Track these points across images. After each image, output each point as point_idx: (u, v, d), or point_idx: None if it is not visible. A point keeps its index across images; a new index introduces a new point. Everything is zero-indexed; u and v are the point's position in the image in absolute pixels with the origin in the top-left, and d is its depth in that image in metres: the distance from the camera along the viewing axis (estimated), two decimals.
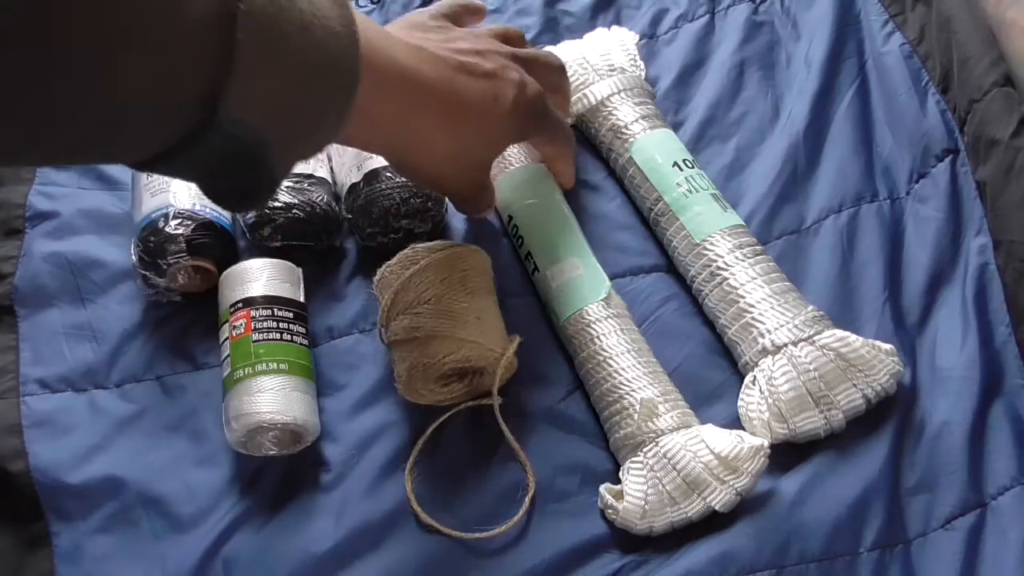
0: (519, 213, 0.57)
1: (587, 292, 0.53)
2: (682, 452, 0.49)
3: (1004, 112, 0.60)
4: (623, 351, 0.52)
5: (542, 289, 0.55)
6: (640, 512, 0.48)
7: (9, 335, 0.60)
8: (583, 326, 0.54)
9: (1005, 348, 0.54)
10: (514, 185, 0.57)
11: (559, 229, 0.55)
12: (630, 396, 0.51)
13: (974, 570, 0.47)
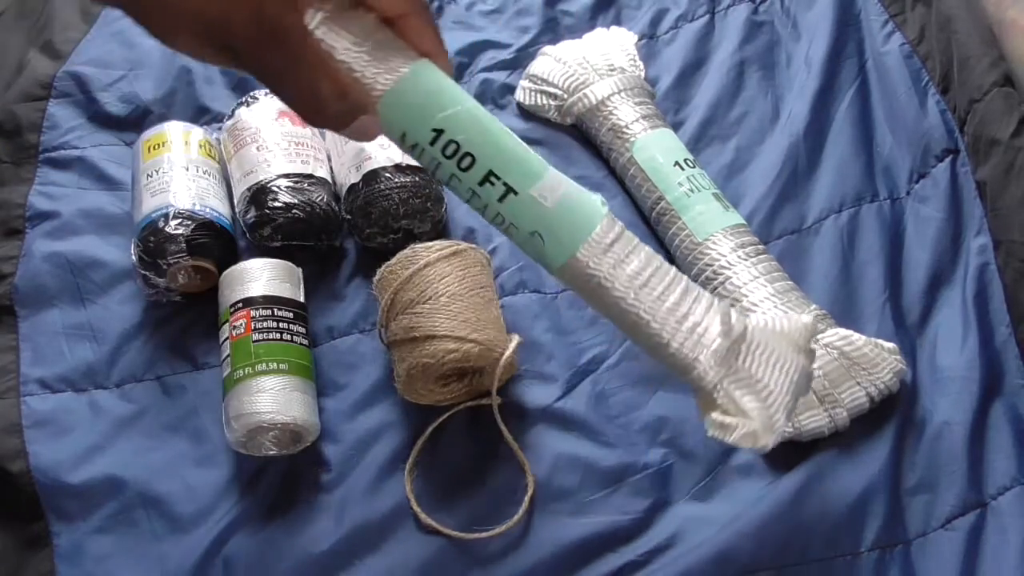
0: (454, 125, 0.37)
1: (590, 206, 0.39)
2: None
3: (1004, 112, 0.60)
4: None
5: (524, 216, 0.38)
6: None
7: (9, 335, 0.60)
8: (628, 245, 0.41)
9: (1005, 348, 0.54)
10: (419, 92, 0.37)
11: (511, 136, 0.39)
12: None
13: (974, 570, 0.47)
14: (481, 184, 0.38)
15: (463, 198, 0.39)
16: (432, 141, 0.37)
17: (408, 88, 0.37)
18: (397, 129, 0.38)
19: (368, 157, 0.60)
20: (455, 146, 0.37)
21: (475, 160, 0.37)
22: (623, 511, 0.51)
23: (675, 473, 0.52)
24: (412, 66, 0.37)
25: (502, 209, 0.38)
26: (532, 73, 0.70)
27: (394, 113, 0.37)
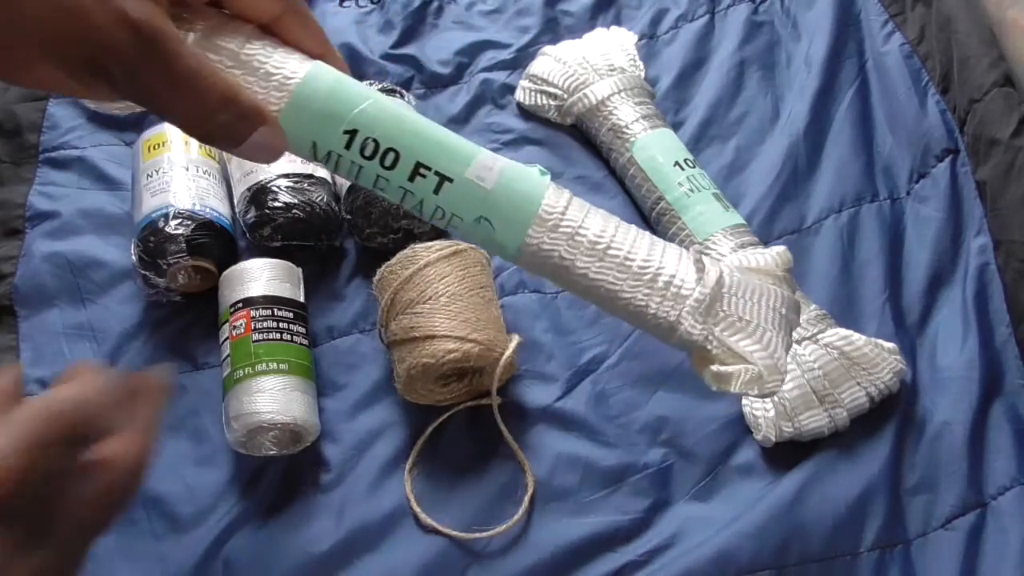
0: (367, 122, 0.33)
1: (532, 179, 0.36)
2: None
3: (1004, 112, 0.60)
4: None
5: (466, 203, 0.34)
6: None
7: (9, 335, 0.60)
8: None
9: (1005, 348, 0.54)
10: (320, 96, 0.33)
11: (430, 122, 0.35)
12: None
13: (974, 570, 0.47)
14: (411, 179, 0.34)
15: (395, 199, 0.35)
16: (347, 144, 0.33)
17: (307, 95, 0.33)
18: (305, 141, 0.33)
19: None
20: (373, 144, 0.33)
21: (399, 155, 0.33)
22: (623, 511, 0.51)
23: (675, 473, 0.52)
24: (306, 71, 0.33)
25: (440, 201, 0.34)
26: (532, 73, 0.70)
27: (298, 125, 0.33)
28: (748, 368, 0.35)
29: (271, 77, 0.33)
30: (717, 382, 0.36)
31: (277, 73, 0.33)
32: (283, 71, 0.33)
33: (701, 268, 0.35)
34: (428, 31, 0.77)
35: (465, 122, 0.71)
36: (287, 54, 0.34)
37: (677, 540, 0.49)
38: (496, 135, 0.70)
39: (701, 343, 0.35)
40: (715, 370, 0.36)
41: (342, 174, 0.34)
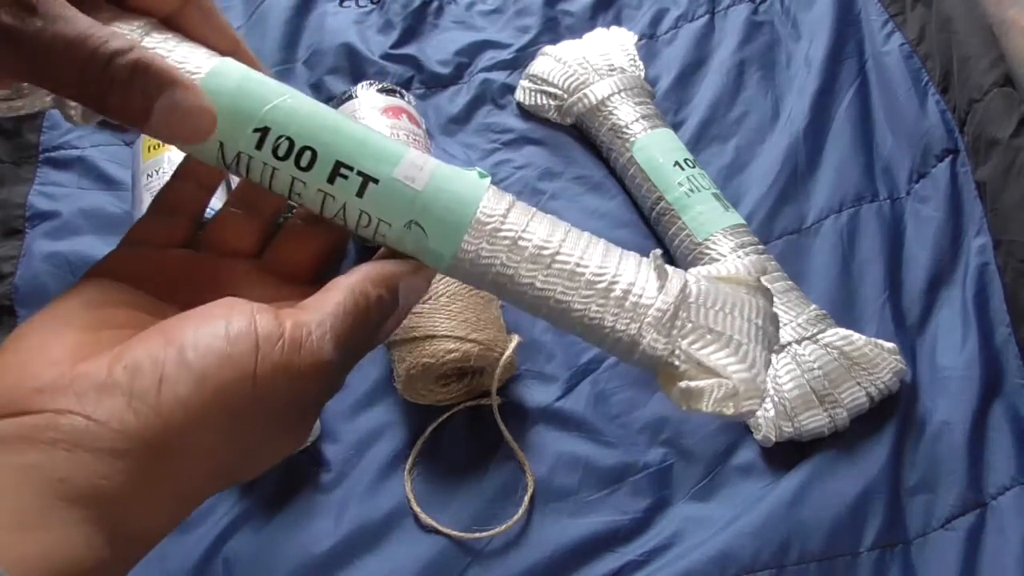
0: (280, 119, 0.30)
1: (468, 180, 0.32)
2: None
3: (1004, 112, 0.60)
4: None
5: (394, 206, 0.30)
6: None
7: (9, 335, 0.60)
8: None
9: (1005, 348, 0.54)
10: (227, 93, 0.29)
11: (352, 120, 0.31)
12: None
13: (974, 570, 0.47)
14: (331, 180, 0.29)
15: (314, 206, 0.30)
16: (258, 144, 0.29)
17: (211, 90, 0.29)
18: (211, 143, 0.29)
19: None
20: (287, 142, 0.29)
21: (316, 154, 0.29)
22: (623, 511, 0.51)
23: (675, 473, 0.52)
24: (212, 66, 0.30)
25: (365, 206, 0.30)
26: (532, 73, 0.70)
27: (225, 110, 0.29)
28: (722, 383, 0.31)
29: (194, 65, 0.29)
30: (686, 400, 0.31)
31: (179, 68, 0.29)
32: (186, 66, 0.29)
33: (663, 276, 0.32)
34: (428, 31, 0.77)
35: (465, 122, 0.71)
36: (192, 48, 0.30)
37: (677, 540, 0.49)
38: (496, 135, 0.70)
39: (666, 359, 0.31)
40: (683, 387, 0.31)
41: (253, 178, 0.30)
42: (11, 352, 0.24)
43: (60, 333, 0.25)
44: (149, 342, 0.24)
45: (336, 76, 0.73)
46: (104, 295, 0.27)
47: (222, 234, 0.31)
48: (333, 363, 0.26)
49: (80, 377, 0.23)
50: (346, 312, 0.27)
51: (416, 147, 0.62)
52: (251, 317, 0.25)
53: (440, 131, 0.70)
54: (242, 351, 0.24)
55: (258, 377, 0.24)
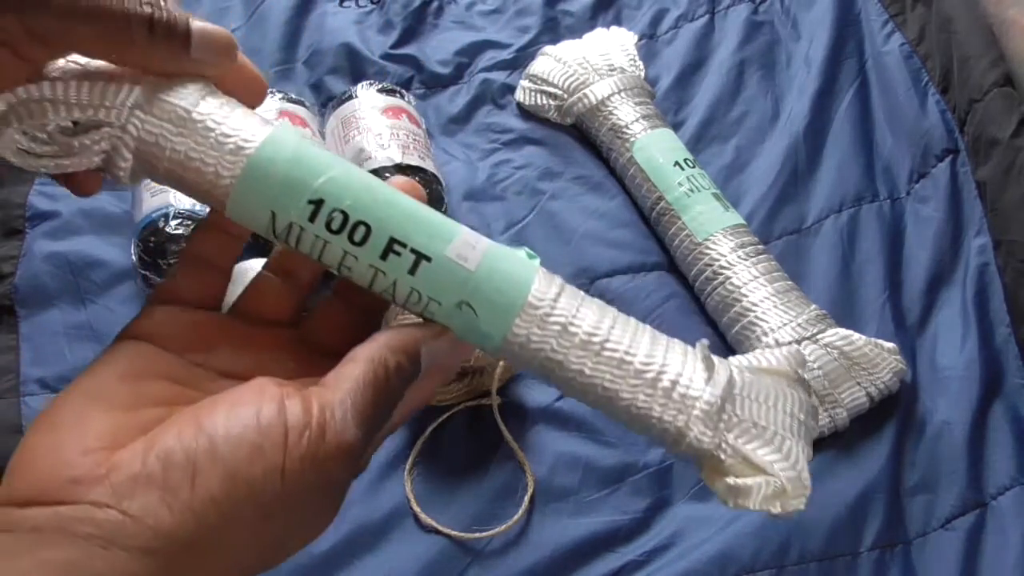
0: (335, 191, 0.29)
1: (519, 263, 0.31)
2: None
3: (1004, 112, 0.60)
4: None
5: (445, 286, 0.30)
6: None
7: (9, 335, 0.60)
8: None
9: (1005, 348, 0.54)
10: (282, 161, 0.29)
11: (406, 196, 0.31)
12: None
13: (974, 570, 0.47)
14: (384, 257, 0.29)
15: (364, 281, 0.30)
16: (311, 216, 0.29)
17: (266, 159, 0.29)
18: (263, 212, 0.29)
19: (368, 157, 0.60)
20: (341, 216, 0.29)
21: (370, 229, 0.29)
22: (623, 511, 0.51)
23: (675, 473, 0.52)
24: (266, 135, 0.29)
25: (416, 283, 0.29)
26: (532, 73, 0.70)
27: (254, 194, 0.29)
28: (769, 481, 0.31)
29: (225, 143, 0.28)
30: (733, 497, 0.31)
31: (233, 137, 0.28)
32: (240, 134, 0.29)
33: (710, 367, 0.31)
34: (428, 31, 0.77)
35: (465, 122, 0.71)
36: (245, 116, 0.29)
37: (677, 540, 0.49)
38: (496, 135, 0.70)
39: (713, 452, 0.31)
40: (731, 483, 0.31)
41: (303, 249, 0.29)
42: (46, 431, 0.24)
43: (95, 412, 0.24)
44: (182, 429, 0.24)
45: (336, 76, 0.73)
46: (139, 364, 0.27)
47: (257, 300, 0.31)
48: (358, 444, 0.25)
49: (116, 467, 0.23)
50: (365, 385, 0.26)
51: (416, 147, 0.63)
52: (280, 404, 0.24)
53: (440, 131, 0.70)
54: (272, 443, 0.23)
55: (287, 471, 0.24)
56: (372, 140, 0.61)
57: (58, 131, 0.28)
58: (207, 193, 0.29)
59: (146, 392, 0.26)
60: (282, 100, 0.64)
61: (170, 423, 0.24)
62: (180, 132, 0.28)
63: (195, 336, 0.29)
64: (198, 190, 0.29)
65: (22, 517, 0.22)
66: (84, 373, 0.26)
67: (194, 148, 0.28)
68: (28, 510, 0.22)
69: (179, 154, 0.28)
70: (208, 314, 0.30)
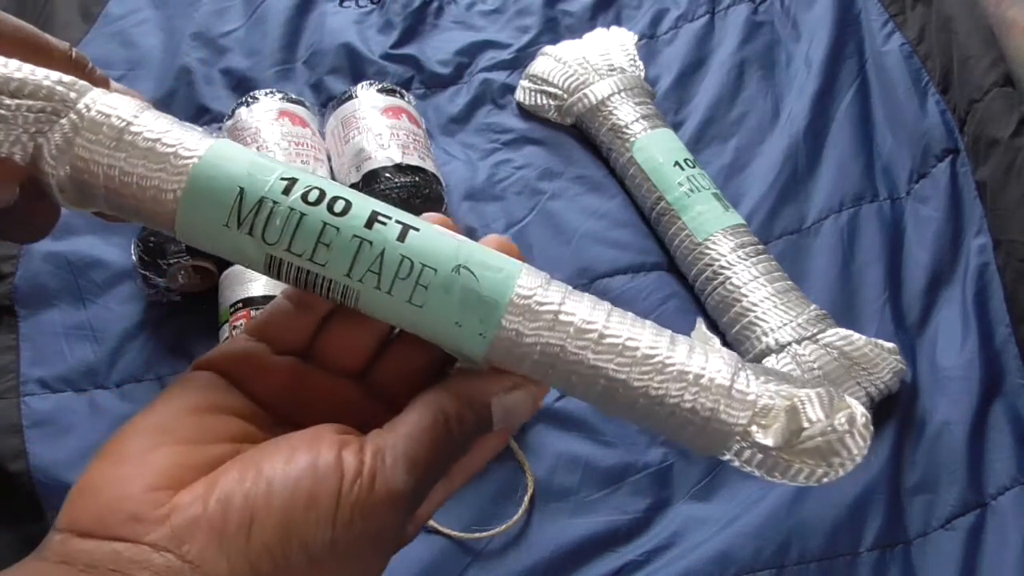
0: (307, 177, 0.27)
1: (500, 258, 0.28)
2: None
3: (1004, 112, 0.60)
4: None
5: (440, 250, 0.26)
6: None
7: (9, 335, 0.60)
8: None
9: (1005, 348, 0.54)
10: (244, 153, 0.27)
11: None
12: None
13: (974, 570, 0.47)
14: (368, 226, 0.26)
15: (347, 255, 0.26)
16: (286, 190, 0.26)
17: (218, 161, 0.26)
18: (221, 203, 0.26)
19: (368, 157, 0.60)
20: (319, 192, 0.26)
21: (350, 203, 0.26)
22: (623, 511, 0.51)
23: (675, 473, 0.52)
24: (210, 144, 0.27)
25: (406, 250, 0.26)
26: (532, 73, 0.70)
27: (215, 180, 0.26)
28: (828, 391, 0.27)
29: (166, 153, 0.26)
30: (789, 431, 0.27)
31: (174, 146, 0.26)
32: (181, 145, 0.26)
33: (715, 347, 0.28)
34: (428, 31, 0.77)
35: (465, 122, 0.71)
36: (185, 129, 0.27)
37: (677, 540, 0.49)
38: (496, 135, 0.70)
39: (748, 422, 0.27)
40: (782, 424, 0.27)
41: (271, 238, 0.26)
42: (112, 462, 0.24)
43: (162, 445, 0.24)
44: (243, 473, 0.23)
45: (336, 76, 0.73)
46: (210, 398, 0.26)
47: (330, 349, 0.30)
48: (407, 491, 0.24)
49: (177, 509, 0.22)
50: (421, 431, 0.25)
51: (416, 147, 0.63)
52: (338, 451, 0.24)
53: (440, 131, 0.70)
54: (327, 491, 0.23)
55: (338, 520, 0.23)
56: (372, 140, 0.61)
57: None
58: (151, 212, 0.26)
59: (214, 427, 0.26)
60: (282, 100, 0.64)
61: (231, 465, 0.24)
62: (115, 147, 0.26)
63: (269, 379, 0.28)
64: (141, 210, 0.26)
65: (80, 550, 0.22)
66: (156, 401, 0.26)
67: (132, 164, 0.26)
68: (87, 542, 0.22)
69: (115, 171, 0.26)
70: (287, 360, 0.29)
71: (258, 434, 0.26)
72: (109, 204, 0.26)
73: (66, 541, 0.22)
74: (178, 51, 0.73)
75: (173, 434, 0.25)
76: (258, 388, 0.28)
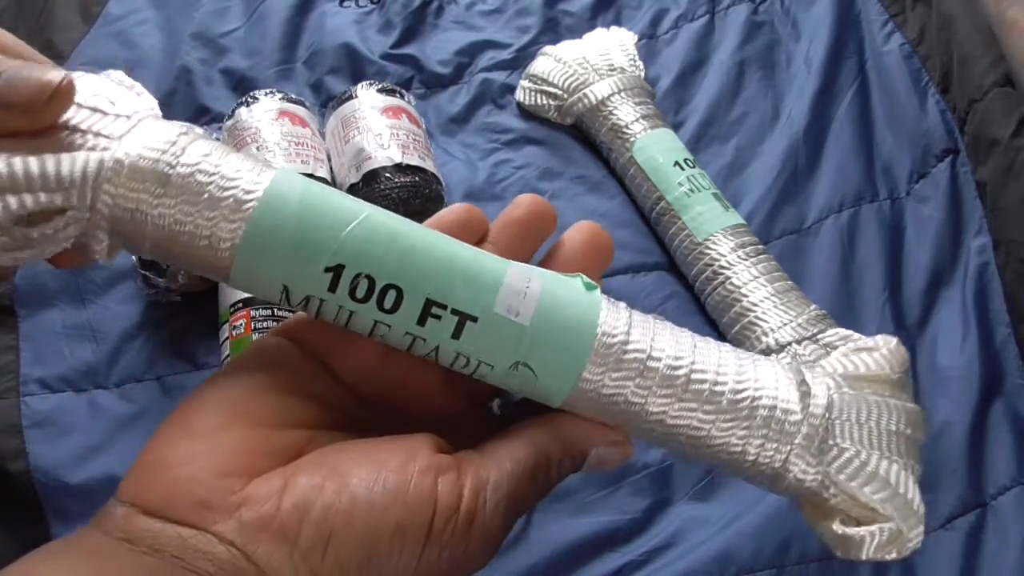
0: (356, 253, 0.24)
1: (578, 297, 0.26)
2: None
3: (1004, 112, 0.60)
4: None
5: (496, 347, 0.25)
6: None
7: (9, 335, 0.60)
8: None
9: (1005, 348, 0.54)
10: (288, 221, 0.24)
11: (440, 237, 0.27)
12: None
13: (974, 570, 0.47)
14: (422, 323, 0.24)
15: (401, 347, 0.25)
16: (331, 286, 0.24)
17: (270, 220, 0.23)
18: (271, 285, 0.24)
19: (368, 157, 0.60)
20: (367, 282, 0.24)
21: (402, 292, 0.24)
22: (623, 511, 0.51)
23: (675, 473, 0.52)
24: (268, 181, 0.24)
25: (462, 347, 0.25)
26: (532, 73, 0.71)
27: (258, 266, 0.24)
28: (883, 528, 0.27)
29: (222, 198, 0.23)
30: (844, 548, 0.27)
31: (231, 191, 0.23)
32: (238, 187, 0.24)
33: (805, 386, 0.27)
34: (428, 31, 0.77)
35: (465, 122, 0.71)
36: (240, 160, 0.24)
37: (677, 540, 0.49)
38: (496, 135, 0.70)
39: (816, 490, 0.27)
40: (840, 533, 0.27)
41: (326, 317, 0.25)
42: (183, 437, 0.23)
43: (235, 425, 0.23)
44: (325, 480, 0.21)
45: (336, 76, 0.73)
46: (287, 375, 0.25)
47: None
48: (502, 535, 0.23)
49: (248, 501, 0.21)
50: (525, 472, 0.24)
51: (416, 147, 0.63)
52: (434, 479, 0.22)
53: (440, 131, 0.70)
54: (417, 524, 0.21)
55: (425, 556, 0.22)
56: (372, 140, 0.61)
57: (10, 220, 0.22)
58: (206, 264, 0.24)
59: (290, 410, 0.24)
60: (282, 100, 0.64)
61: (311, 464, 0.22)
62: (162, 195, 0.23)
63: (352, 356, 0.26)
64: (193, 262, 0.24)
65: (144, 529, 0.21)
66: (228, 371, 0.24)
67: (182, 212, 0.23)
68: (153, 522, 0.21)
69: (164, 221, 0.23)
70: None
71: (340, 419, 0.25)
72: (157, 255, 0.25)
73: (130, 517, 0.21)
74: (178, 51, 0.73)
75: (247, 414, 0.23)
76: (341, 362, 0.26)
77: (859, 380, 0.29)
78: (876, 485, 0.27)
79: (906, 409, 0.29)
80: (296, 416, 0.24)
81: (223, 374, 0.24)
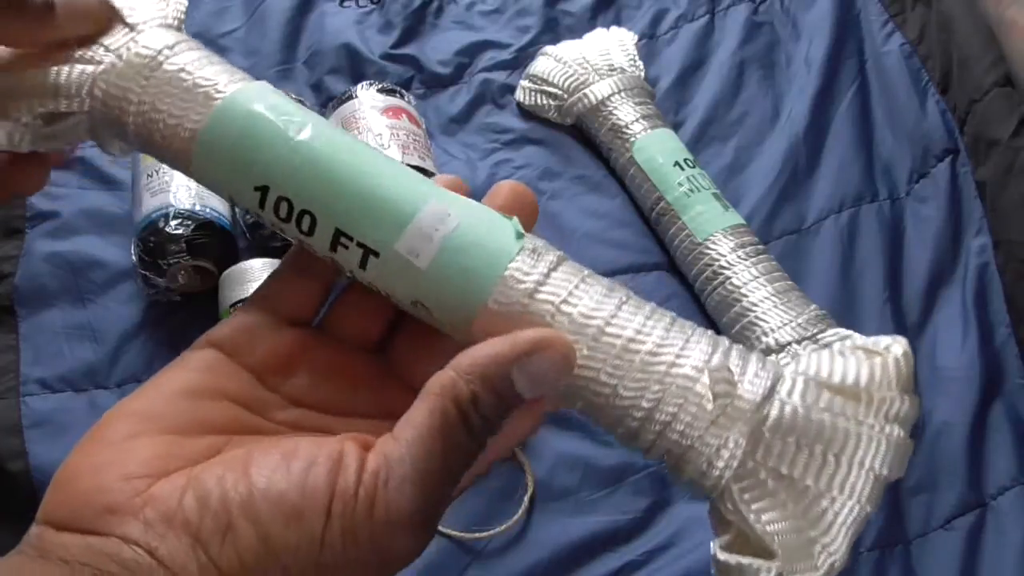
0: (279, 175, 0.25)
1: (497, 235, 0.25)
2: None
3: (1004, 112, 0.60)
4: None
5: (397, 283, 0.25)
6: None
7: (9, 335, 0.60)
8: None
9: (1005, 348, 0.54)
10: (232, 132, 0.26)
11: (374, 163, 0.27)
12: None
13: (974, 570, 0.47)
14: (333, 248, 0.25)
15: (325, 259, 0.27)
16: (260, 202, 0.25)
17: (221, 125, 0.26)
18: (222, 191, 0.27)
19: None
20: (287, 205, 0.25)
21: (315, 219, 0.25)
22: (623, 511, 0.51)
23: None
24: (237, 88, 0.26)
25: (368, 278, 0.25)
26: (532, 73, 0.70)
27: (210, 166, 0.26)
28: (766, 566, 0.23)
29: (196, 92, 0.26)
30: (717, 568, 0.25)
31: (205, 87, 0.26)
32: (213, 85, 0.26)
33: (746, 376, 0.23)
34: (428, 31, 0.77)
35: (465, 122, 0.71)
36: (225, 68, 0.27)
37: (677, 540, 0.49)
38: (496, 135, 0.70)
39: (710, 492, 0.24)
40: (715, 550, 0.25)
41: (275, 229, 0.27)
42: (93, 449, 0.22)
43: (146, 433, 0.22)
44: (227, 472, 0.21)
45: (336, 76, 0.73)
46: (207, 380, 0.25)
47: (341, 318, 0.27)
48: (417, 510, 0.21)
49: (152, 500, 0.21)
50: (430, 435, 0.21)
51: (416, 147, 0.63)
52: (336, 462, 0.21)
53: (440, 131, 0.70)
54: (314, 509, 0.20)
55: (326, 543, 0.20)
56: (372, 140, 0.61)
57: (32, 118, 0.27)
58: (174, 150, 0.26)
59: (206, 415, 0.24)
60: None
61: (218, 461, 0.22)
62: (146, 85, 0.26)
63: (277, 353, 0.26)
64: (165, 148, 0.27)
65: (55, 543, 0.21)
66: (146, 384, 0.24)
67: (161, 101, 0.26)
68: (62, 535, 0.21)
69: (145, 107, 0.26)
70: (295, 331, 0.27)
71: (258, 423, 0.24)
72: (138, 143, 0.27)
73: (43, 535, 0.21)
74: None
75: (160, 421, 0.23)
76: (260, 361, 0.25)
77: (827, 388, 0.23)
78: (776, 514, 0.23)
79: (881, 440, 0.23)
80: (213, 420, 0.24)
81: (138, 388, 0.25)
